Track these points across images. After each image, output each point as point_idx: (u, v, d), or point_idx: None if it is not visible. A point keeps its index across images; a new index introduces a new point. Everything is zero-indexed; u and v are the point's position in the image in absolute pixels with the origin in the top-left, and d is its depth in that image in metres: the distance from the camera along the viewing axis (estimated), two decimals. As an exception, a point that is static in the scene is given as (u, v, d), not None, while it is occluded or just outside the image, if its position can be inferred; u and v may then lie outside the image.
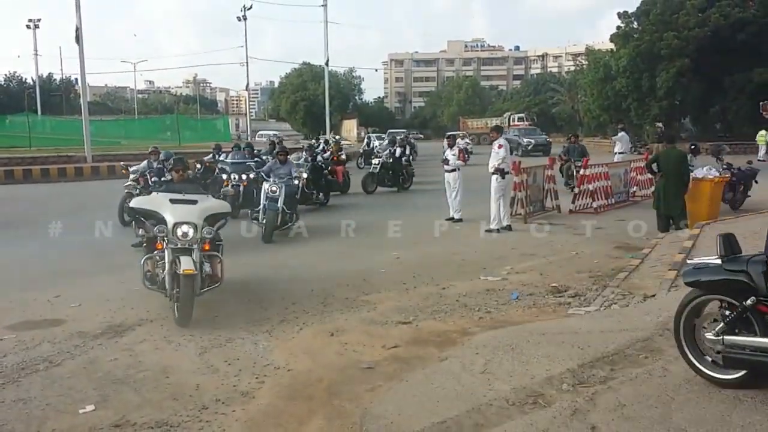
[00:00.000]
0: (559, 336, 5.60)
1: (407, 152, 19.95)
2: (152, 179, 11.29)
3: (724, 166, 12.79)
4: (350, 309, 7.03)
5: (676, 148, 10.82)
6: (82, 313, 6.97)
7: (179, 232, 6.50)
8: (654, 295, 6.79)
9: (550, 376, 4.67)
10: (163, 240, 6.53)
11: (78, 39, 26.18)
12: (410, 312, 6.81)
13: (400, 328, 6.31)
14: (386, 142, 24.28)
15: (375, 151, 25.09)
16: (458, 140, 27.34)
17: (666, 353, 5.01)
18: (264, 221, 11.09)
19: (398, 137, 24.03)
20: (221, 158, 16.26)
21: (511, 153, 12.68)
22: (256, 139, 43.18)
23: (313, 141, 30.33)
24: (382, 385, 4.84)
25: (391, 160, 18.99)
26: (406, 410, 4.28)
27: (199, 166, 15.51)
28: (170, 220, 6.58)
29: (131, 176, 12.24)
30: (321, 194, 15.94)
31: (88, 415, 4.47)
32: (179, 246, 6.48)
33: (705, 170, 11.45)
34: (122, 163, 14.53)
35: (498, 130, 12.26)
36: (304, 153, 17.51)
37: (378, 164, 18.96)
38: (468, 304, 7.08)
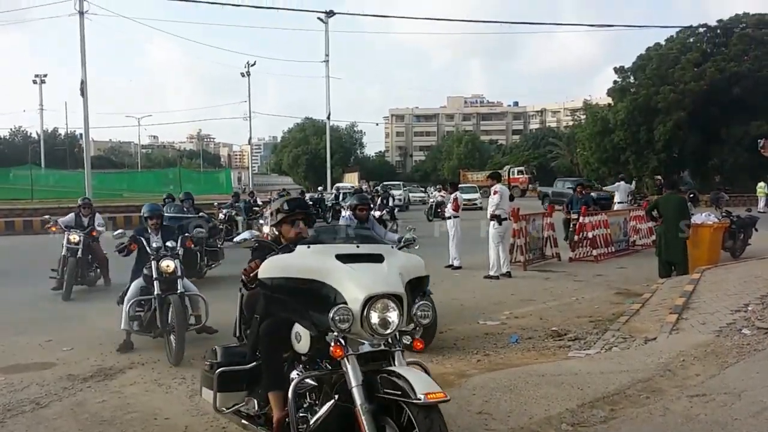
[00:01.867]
0: (558, 377, 5.47)
1: (389, 203, 19.07)
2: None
3: (723, 214, 12.79)
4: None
5: (675, 193, 10.82)
6: (73, 356, 6.86)
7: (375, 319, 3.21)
8: (655, 338, 6.67)
9: (548, 416, 4.54)
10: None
11: (83, 92, 26.69)
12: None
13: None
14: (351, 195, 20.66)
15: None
16: (436, 192, 27.07)
17: (667, 393, 4.90)
18: None
19: (373, 188, 22.20)
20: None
21: (512, 200, 12.65)
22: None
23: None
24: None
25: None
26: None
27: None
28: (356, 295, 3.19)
29: (99, 228, 11.08)
30: None
31: (72, 456, 4.33)
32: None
33: (704, 216, 11.45)
34: (47, 216, 11.96)
35: (495, 176, 12.29)
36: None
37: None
38: (466, 347, 6.97)
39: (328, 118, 43.05)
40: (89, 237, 10.93)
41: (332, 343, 3.13)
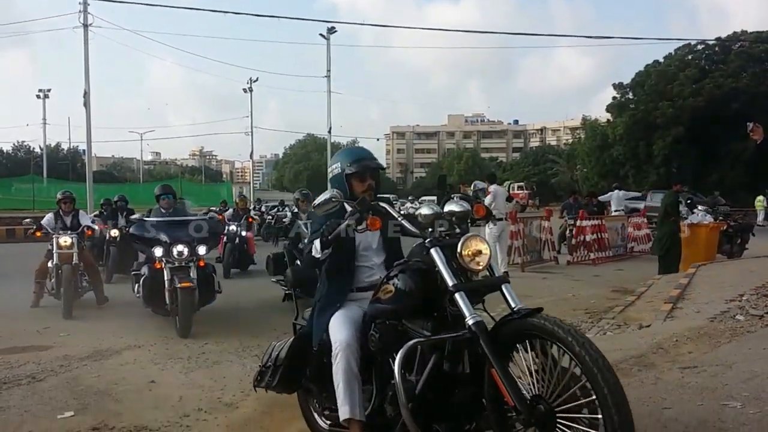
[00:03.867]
0: (551, 355, 5.50)
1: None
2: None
3: (720, 217, 12.85)
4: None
5: (672, 191, 10.95)
6: (70, 340, 6.90)
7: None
8: (649, 325, 6.70)
9: (540, 385, 4.56)
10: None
11: (86, 103, 26.82)
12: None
13: (392, 354, 6.20)
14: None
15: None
16: (408, 204, 26.77)
17: (659, 367, 4.92)
18: None
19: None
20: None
21: (510, 201, 12.72)
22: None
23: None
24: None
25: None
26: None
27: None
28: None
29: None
30: None
31: (66, 420, 4.36)
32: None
33: (701, 216, 11.51)
34: (28, 219, 10.99)
35: (490, 178, 12.34)
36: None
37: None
38: (461, 334, 6.98)
39: (330, 132, 43.13)
40: (83, 239, 9.05)
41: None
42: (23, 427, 4.22)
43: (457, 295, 2.72)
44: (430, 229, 2.99)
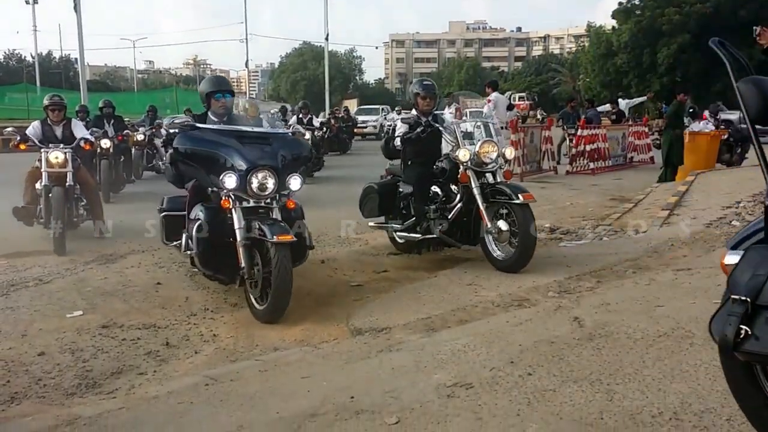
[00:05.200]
0: (548, 258, 5.62)
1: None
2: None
3: (722, 126, 12.76)
4: (342, 244, 7.05)
5: (676, 102, 10.88)
6: (73, 245, 6.96)
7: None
8: (645, 231, 6.80)
9: (536, 286, 4.69)
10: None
11: (76, 7, 25.97)
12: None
13: (392, 258, 6.30)
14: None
15: None
16: (395, 115, 26.48)
17: (654, 269, 5.03)
18: None
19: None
20: None
21: (510, 109, 12.57)
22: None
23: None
24: (370, 296, 4.85)
25: None
26: (392, 311, 4.31)
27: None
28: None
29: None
30: None
31: (75, 319, 4.49)
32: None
33: (702, 124, 11.44)
34: (10, 128, 8.78)
35: (492, 85, 12.15)
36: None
37: None
38: (459, 240, 7.08)
39: (326, 39, 41.96)
40: (79, 152, 7.44)
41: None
42: (33, 325, 4.35)
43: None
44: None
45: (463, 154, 5.51)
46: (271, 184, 4.54)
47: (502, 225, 5.27)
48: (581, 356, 3.19)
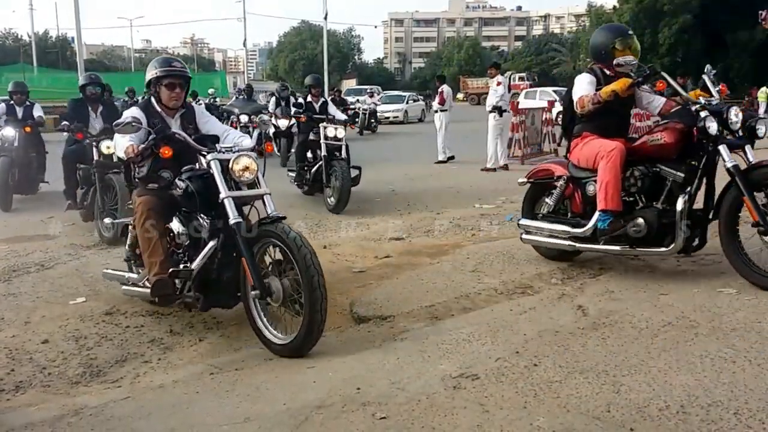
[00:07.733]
0: (551, 245, 5.60)
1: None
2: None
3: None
4: (344, 229, 7.04)
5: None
6: (75, 230, 6.97)
7: None
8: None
9: (540, 273, 4.68)
10: None
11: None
12: (404, 231, 6.79)
13: (393, 243, 6.30)
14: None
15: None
16: (366, 97, 26.42)
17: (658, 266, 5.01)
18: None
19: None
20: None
21: (509, 91, 12.49)
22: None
23: None
24: (373, 283, 4.85)
25: None
26: (395, 298, 4.30)
27: None
28: None
29: None
30: None
31: (78, 305, 4.49)
32: None
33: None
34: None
35: (496, 66, 12.07)
36: None
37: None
38: (462, 224, 7.07)
39: (325, 18, 41.60)
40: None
41: None
42: (36, 312, 4.35)
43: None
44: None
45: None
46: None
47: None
48: (586, 346, 3.19)
